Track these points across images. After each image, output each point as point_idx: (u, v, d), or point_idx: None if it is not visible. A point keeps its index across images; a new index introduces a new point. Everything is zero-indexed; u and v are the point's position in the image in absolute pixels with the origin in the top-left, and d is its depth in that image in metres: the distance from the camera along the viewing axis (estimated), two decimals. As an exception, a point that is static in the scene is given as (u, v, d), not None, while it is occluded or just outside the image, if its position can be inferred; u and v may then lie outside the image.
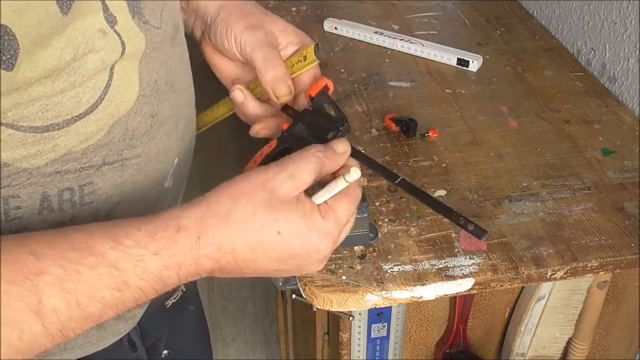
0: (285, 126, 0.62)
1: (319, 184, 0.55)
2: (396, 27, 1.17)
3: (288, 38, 0.65)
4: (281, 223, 0.50)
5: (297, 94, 0.65)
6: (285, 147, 0.60)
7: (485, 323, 0.91)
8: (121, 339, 0.65)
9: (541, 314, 0.87)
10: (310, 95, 0.62)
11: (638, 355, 0.99)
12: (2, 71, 0.43)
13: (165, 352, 0.80)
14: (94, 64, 0.49)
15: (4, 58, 0.42)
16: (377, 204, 0.77)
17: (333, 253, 0.70)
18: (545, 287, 0.84)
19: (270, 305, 1.97)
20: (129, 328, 0.66)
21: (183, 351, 0.84)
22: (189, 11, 0.69)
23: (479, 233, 0.58)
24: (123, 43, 0.50)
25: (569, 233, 0.74)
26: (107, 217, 0.55)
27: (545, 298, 0.86)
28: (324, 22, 1.16)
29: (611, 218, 0.76)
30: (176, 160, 0.61)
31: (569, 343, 0.91)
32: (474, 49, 1.09)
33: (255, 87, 0.67)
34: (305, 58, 0.63)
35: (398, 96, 0.98)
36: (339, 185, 0.53)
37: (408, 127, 0.88)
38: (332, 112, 0.60)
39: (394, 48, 1.10)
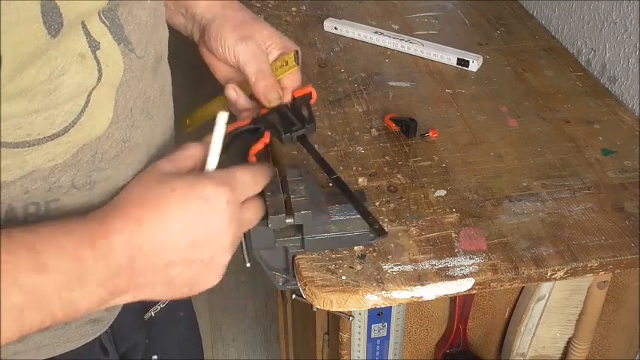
0: (263, 111, 0.71)
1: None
2: (396, 27, 1.17)
3: (274, 44, 0.72)
4: (174, 182, 0.52)
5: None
6: (256, 127, 0.70)
7: (485, 323, 0.91)
8: (92, 342, 0.65)
9: (541, 314, 0.87)
10: (294, 96, 0.72)
11: (638, 355, 0.99)
12: None
13: (155, 357, 0.80)
14: (70, 87, 0.49)
15: None
16: (377, 204, 0.77)
17: (333, 253, 0.70)
18: (545, 287, 0.84)
19: (270, 305, 1.97)
20: (98, 331, 0.65)
21: (173, 358, 0.84)
22: (188, 16, 0.76)
23: (379, 232, 0.64)
24: (100, 70, 0.51)
25: (569, 233, 0.74)
26: None
27: (545, 298, 0.86)
28: (324, 22, 1.16)
29: (611, 218, 0.76)
30: None
31: (569, 343, 0.91)
32: (474, 49, 1.09)
33: (246, 85, 0.74)
34: (286, 63, 0.72)
35: (398, 96, 0.98)
36: (215, 133, 0.57)
37: (408, 127, 0.88)
38: (305, 114, 0.70)
39: (394, 48, 1.10)
